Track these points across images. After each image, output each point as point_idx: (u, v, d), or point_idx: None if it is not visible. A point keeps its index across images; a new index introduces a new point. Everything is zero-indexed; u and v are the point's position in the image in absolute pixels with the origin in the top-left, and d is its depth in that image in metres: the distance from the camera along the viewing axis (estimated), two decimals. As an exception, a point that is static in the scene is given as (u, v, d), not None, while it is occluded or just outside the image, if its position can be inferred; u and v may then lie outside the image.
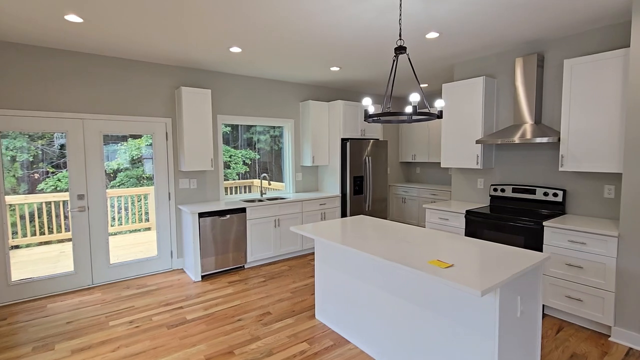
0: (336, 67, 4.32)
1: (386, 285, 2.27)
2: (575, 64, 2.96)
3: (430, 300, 1.99)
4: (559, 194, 3.31)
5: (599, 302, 2.67)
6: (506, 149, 3.79)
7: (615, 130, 2.76)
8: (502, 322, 1.72)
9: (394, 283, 2.21)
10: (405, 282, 2.14)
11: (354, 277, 2.54)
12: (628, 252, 2.53)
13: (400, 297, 2.18)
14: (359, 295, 2.51)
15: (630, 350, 2.48)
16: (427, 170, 6.67)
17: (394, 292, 2.21)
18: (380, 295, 2.32)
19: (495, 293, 1.68)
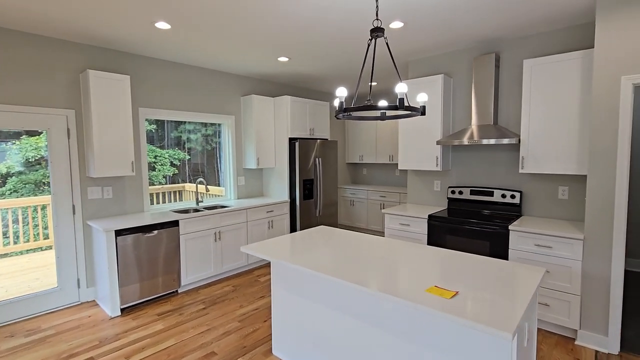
0: (285, 57, 3.83)
1: (368, 317, 1.87)
2: (535, 65, 2.92)
3: (425, 335, 1.64)
4: (516, 196, 3.30)
5: (565, 306, 2.64)
6: (463, 150, 3.71)
7: (575, 131, 2.77)
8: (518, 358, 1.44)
9: (377, 315, 1.82)
10: (391, 313, 1.76)
11: (323, 305, 2.10)
12: (592, 255, 2.52)
13: (384, 331, 1.80)
14: (331, 327, 2.07)
15: (598, 354, 2.47)
16: (374, 171, 6.53)
17: (378, 325, 1.83)
18: (360, 329, 1.91)
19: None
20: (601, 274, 2.49)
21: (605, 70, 2.41)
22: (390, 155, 5.87)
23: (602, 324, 2.50)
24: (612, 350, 2.46)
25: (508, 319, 1.29)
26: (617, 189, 2.41)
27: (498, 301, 1.44)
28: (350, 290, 1.94)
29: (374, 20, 2.00)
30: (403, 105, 1.72)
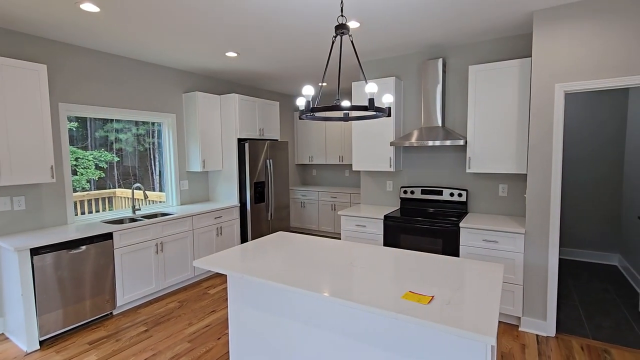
0: (233, 52, 3.58)
1: (338, 328, 1.78)
2: (479, 71, 3.11)
3: (400, 343, 1.60)
4: (463, 194, 3.49)
5: (510, 295, 2.84)
6: (414, 151, 3.83)
7: (513, 134, 3.00)
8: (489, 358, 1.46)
9: (348, 325, 1.74)
10: (362, 322, 1.69)
11: (290, 319, 1.96)
12: (533, 248, 2.75)
13: (356, 342, 1.72)
14: (301, 343, 1.94)
15: (538, 337, 2.69)
16: (324, 172, 6.51)
17: (349, 336, 1.74)
18: (331, 342, 1.81)
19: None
20: (540, 264, 2.72)
21: (541, 78, 2.64)
22: (340, 156, 5.89)
23: (541, 310, 2.74)
24: (550, 333, 2.71)
25: (488, 322, 1.29)
26: (552, 187, 2.65)
27: (473, 303, 1.45)
28: (320, 301, 1.83)
29: (339, 17, 1.91)
30: (374, 105, 1.66)
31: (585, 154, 4.43)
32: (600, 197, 4.38)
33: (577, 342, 2.60)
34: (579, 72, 2.51)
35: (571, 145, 4.51)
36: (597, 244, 4.43)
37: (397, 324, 1.59)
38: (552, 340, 2.64)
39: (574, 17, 2.50)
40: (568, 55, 2.53)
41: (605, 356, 2.42)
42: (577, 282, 3.77)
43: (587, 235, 4.48)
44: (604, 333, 2.73)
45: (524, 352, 2.48)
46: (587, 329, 2.79)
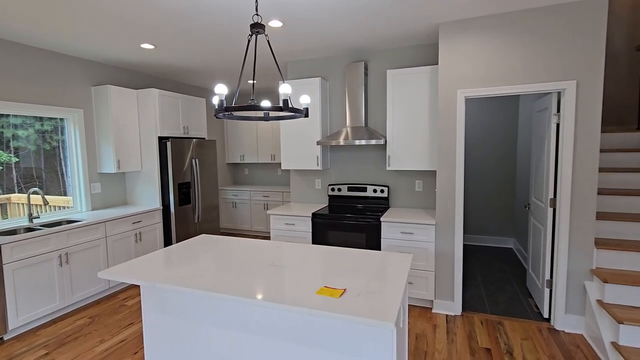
0: (149, 44, 3.33)
1: (263, 330, 1.77)
2: (396, 75, 3.34)
3: (318, 336, 1.65)
4: (384, 190, 3.72)
5: (424, 282, 3.12)
6: (340, 150, 3.97)
7: (426, 134, 3.29)
8: (398, 341, 1.59)
9: (273, 326, 1.75)
10: (289, 322, 1.71)
11: (210, 325, 1.89)
12: (442, 237, 3.05)
13: (282, 341, 1.74)
14: (222, 348, 1.89)
15: (448, 317, 3.00)
16: (255, 171, 6.41)
17: (275, 337, 1.75)
18: (257, 344, 1.80)
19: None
20: (448, 251, 3.04)
21: (446, 84, 2.94)
22: (272, 155, 5.85)
23: (450, 292, 3.06)
24: (457, 312, 3.04)
25: (390, 309, 1.40)
26: (456, 182, 2.97)
27: (379, 292, 1.56)
28: (239, 304, 1.80)
29: (254, 15, 1.89)
30: (287, 106, 1.68)
31: (485, 153, 5.05)
32: (498, 190, 5.03)
33: (478, 318, 2.96)
34: (475, 80, 2.85)
35: (474, 144, 5.10)
36: (496, 230, 5.09)
37: (316, 319, 1.64)
38: (458, 318, 2.96)
39: (470, 31, 2.82)
40: (467, 64, 2.86)
41: (499, 327, 2.80)
42: (480, 265, 4.29)
43: (488, 223, 5.11)
44: (500, 307, 3.15)
45: (435, 332, 2.75)
46: (486, 305, 3.20)
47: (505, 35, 2.73)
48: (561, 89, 2.64)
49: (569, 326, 2.72)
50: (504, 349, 2.50)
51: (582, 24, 2.54)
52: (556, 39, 2.61)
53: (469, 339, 2.65)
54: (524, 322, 2.88)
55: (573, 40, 2.57)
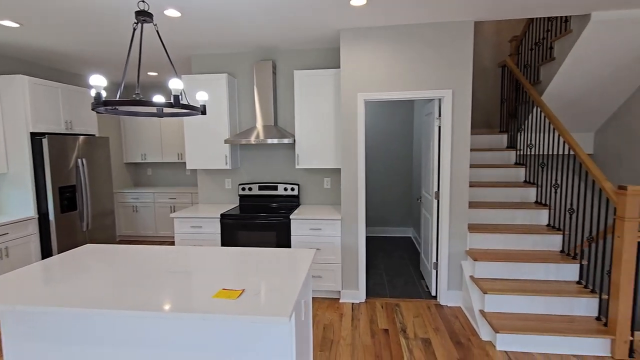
0: (12, 21, 2.78)
1: (165, 343, 1.64)
2: (303, 76, 3.42)
3: (216, 343, 1.61)
4: (295, 188, 3.79)
5: (332, 274, 3.29)
6: (251, 149, 3.91)
7: (332, 133, 3.45)
8: (297, 334, 1.64)
9: (176, 338, 1.63)
10: (189, 330, 1.62)
11: (93, 346, 1.68)
12: (346, 230, 3.25)
13: (177, 352, 1.63)
14: (105, 367, 1.69)
15: (353, 305, 3.22)
16: (161, 171, 5.90)
17: (171, 348, 1.64)
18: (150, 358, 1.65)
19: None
20: (352, 243, 3.25)
21: (348, 87, 3.13)
22: (179, 154, 5.46)
23: (355, 281, 3.28)
24: (361, 299, 3.28)
25: (285, 305, 1.43)
26: (358, 178, 3.20)
27: (278, 289, 1.59)
28: (128, 320, 1.64)
29: (139, 2, 1.73)
30: (179, 103, 1.58)
31: (386, 151, 5.54)
32: (398, 185, 5.57)
33: (379, 303, 3.24)
34: (373, 84, 3.09)
35: (377, 143, 5.55)
36: (397, 221, 5.63)
37: (214, 323, 1.59)
38: (362, 305, 3.20)
39: (368, 39, 3.05)
40: (366, 70, 3.09)
41: (396, 309, 3.10)
42: (384, 254, 4.70)
43: (391, 216, 5.63)
44: (398, 291, 3.50)
45: (341, 320, 2.92)
46: (387, 290, 3.52)
47: (398, 45, 3.02)
48: (441, 96, 3.04)
49: (451, 301, 3.17)
50: (399, 328, 2.78)
51: (454, 41, 2.96)
52: (437, 53, 2.99)
53: (371, 322, 2.88)
54: (417, 301, 3.25)
55: (449, 55, 2.98)
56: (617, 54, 3.06)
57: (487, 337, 2.61)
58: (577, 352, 2.41)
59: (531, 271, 2.85)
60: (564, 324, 2.49)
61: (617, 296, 2.34)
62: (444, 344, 2.55)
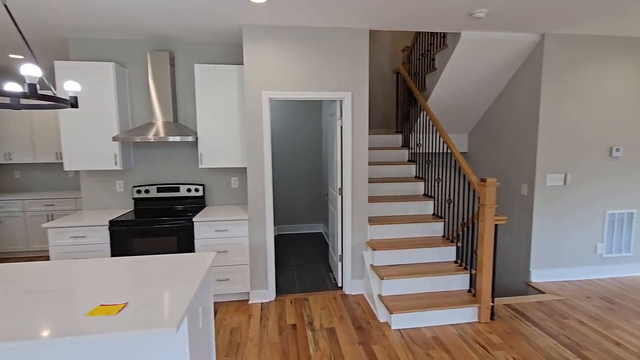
0: None
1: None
2: (204, 70, 3.24)
3: None
4: (199, 189, 3.59)
5: (240, 276, 3.21)
6: (147, 147, 3.56)
7: (237, 131, 3.36)
8: (191, 344, 1.56)
9: (23, 366, 1.37)
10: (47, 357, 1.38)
11: None
12: (255, 230, 3.21)
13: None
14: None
15: (263, 304, 3.20)
16: (33, 173, 4.96)
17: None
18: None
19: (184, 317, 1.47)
20: (261, 243, 3.23)
21: (252, 85, 3.08)
22: (57, 153, 4.66)
23: (264, 281, 3.26)
24: (271, 298, 3.28)
25: (174, 314, 1.34)
26: (265, 177, 3.18)
27: (168, 298, 1.48)
28: (-32, 353, 1.33)
29: (-25, -34, 1.41)
30: (36, 93, 1.34)
31: (297, 149, 5.64)
32: (309, 182, 5.72)
33: (289, 299, 3.28)
34: (277, 83, 3.10)
35: (287, 141, 5.62)
36: (309, 218, 5.79)
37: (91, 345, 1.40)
38: (272, 304, 3.20)
39: (273, 37, 3.05)
40: (270, 68, 3.08)
41: (304, 303, 3.19)
42: (295, 251, 4.78)
43: (303, 212, 5.77)
44: (307, 285, 3.60)
45: (250, 322, 2.87)
46: (297, 286, 3.59)
47: (302, 47, 3.09)
48: (341, 98, 3.22)
49: (354, 289, 3.40)
50: (307, 321, 2.87)
51: (352, 46, 3.16)
52: (337, 56, 3.15)
53: (280, 319, 2.90)
54: (325, 293, 3.40)
55: (348, 59, 3.17)
56: (482, 68, 3.66)
57: (384, 319, 2.87)
58: (454, 322, 2.82)
59: (420, 255, 3.23)
60: (444, 299, 2.88)
61: (481, 271, 2.80)
62: (346, 331, 2.71)
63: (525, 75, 3.62)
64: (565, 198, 3.57)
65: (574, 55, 3.42)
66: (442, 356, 2.38)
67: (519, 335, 2.62)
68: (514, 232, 3.81)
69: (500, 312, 2.98)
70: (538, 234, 3.57)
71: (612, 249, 3.70)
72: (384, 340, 2.58)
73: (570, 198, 3.58)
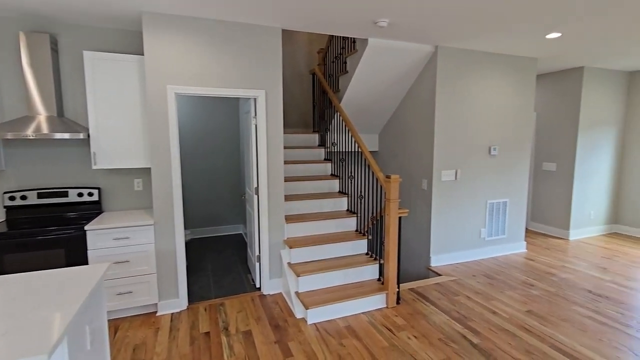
0: None
1: None
2: (97, 59, 2.87)
3: None
4: (94, 193, 3.17)
5: (145, 287, 2.93)
6: (22, 146, 3.01)
7: (139, 128, 3.05)
8: (74, 369, 1.37)
9: None
10: None
11: None
12: (162, 236, 2.96)
13: None
14: None
15: (173, 315, 2.98)
16: None
17: None
18: None
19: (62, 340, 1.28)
20: (169, 249, 3.00)
21: (155, 78, 2.83)
22: None
23: (174, 289, 3.04)
24: (182, 307, 3.07)
25: (45, 340, 1.16)
26: (173, 178, 2.96)
27: (41, 322, 1.28)
28: None
29: None
30: None
31: (215, 148, 5.39)
32: (227, 182, 5.52)
33: (202, 306, 3.12)
34: (185, 78, 2.91)
35: (203, 140, 5.33)
36: (228, 219, 5.59)
37: None
38: (184, 313, 3.00)
39: (178, 29, 2.84)
40: (177, 61, 2.86)
41: (220, 309, 3.07)
42: (213, 254, 4.57)
43: (222, 214, 5.54)
44: (224, 289, 3.47)
45: (157, 336, 2.65)
46: (212, 291, 3.43)
47: (214, 41, 2.94)
48: (255, 96, 3.16)
49: (273, 289, 3.39)
50: (222, 327, 2.76)
51: (266, 44, 3.13)
52: (251, 53, 3.08)
53: (192, 329, 2.74)
54: (242, 296, 3.31)
55: (262, 57, 3.13)
56: (388, 73, 3.97)
57: (300, 315, 2.92)
58: (365, 310, 3.01)
59: (335, 250, 3.37)
60: (356, 290, 3.06)
61: (388, 260, 3.05)
62: (263, 331, 2.69)
63: (423, 81, 4.03)
64: (456, 191, 4.10)
65: (460, 66, 3.93)
66: (353, 344, 2.53)
67: (420, 315, 2.92)
68: (417, 222, 4.24)
69: (406, 296, 3.28)
70: (436, 223, 4.03)
71: (492, 233, 4.37)
72: (300, 336, 2.62)
73: (460, 191, 4.12)
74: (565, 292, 3.35)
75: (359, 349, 2.46)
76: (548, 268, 3.97)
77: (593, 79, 4.92)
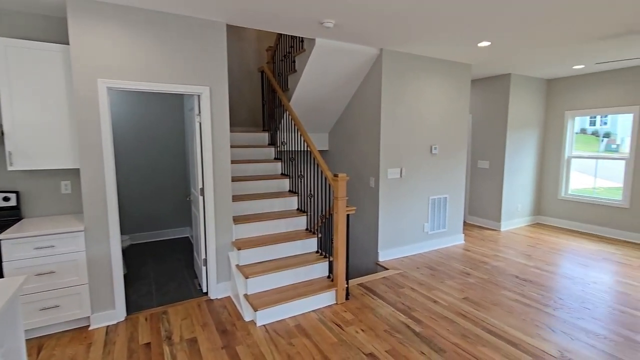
0: None
1: None
2: (12, 46, 2.54)
3: None
4: (11, 198, 2.82)
5: (76, 299, 2.67)
6: None
7: (66, 125, 2.77)
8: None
9: None
10: None
11: None
12: (94, 242, 2.72)
13: None
14: None
15: (109, 327, 2.75)
16: None
17: None
18: None
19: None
20: (103, 257, 2.76)
21: (83, 71, 2.58)
22: None
23: (110, 300, 2.81)
24: (120, 318, 2.85)
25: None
26: (107, 179, 2.73)
27: None
28: None
29: None
30: None
31: (157, 147, 5.07)
32: (172, 183, 5.22)
33: (143, 316, 2.92)
34: (119, 71, 2.69)
35: (145, 138, 4.99)
36: (174, 222, 5.30)
37: None
38: (121, 325, 2.78)
39: (109, 18, 2.61)
40: (108, 53, 2.64)
41: (163, 317, 2.89)
42: (156, 260, 4.30)
43: (166, 217, 5.23)
44: (168, 297, 3.28)
45: (89, 352, 2.42)
46: (154, 299, 3.23)
47: (151, 32, 2.75)
48: (199, 93, 3.03)
49: (220, 293, 3.28)
50: (164, 336, 2.61)
51: (210, 39, 3.01)
52: (194, 48, 2.94)
53: (130, 341, 2.55)
54: (188, 302, 3.16)
55: (206, 52, 3.00)
56: (336, 73, 4.03)
57: (249, 318, 2.86)
58: (316, 307, 3.04)
59: (285, 250, 3.35)
60: (306, 288, 3.07)
61: (337, 257, 3.10)
62: (209, 337, 2.59)
63: (370, 83, 4.16)
64: (402, 188, 4.29)
65: (404, 69, 4.12)
66: (302, 342, 2.53)
67: (367, 309, 3.01)
68: (365, 219, 4.37)
69: (354, 292, 3.36)
70: (383, 219, 4.19)
71: (434, 227, 4.66)
72: (248, 339, 2.57)
73: (405, 188, 4.32)
74: (496, 278, 3.67)
75: (308, 347, 2.47)
76: (482, 257, 4.32)
77: (518, 84, 5.46)
